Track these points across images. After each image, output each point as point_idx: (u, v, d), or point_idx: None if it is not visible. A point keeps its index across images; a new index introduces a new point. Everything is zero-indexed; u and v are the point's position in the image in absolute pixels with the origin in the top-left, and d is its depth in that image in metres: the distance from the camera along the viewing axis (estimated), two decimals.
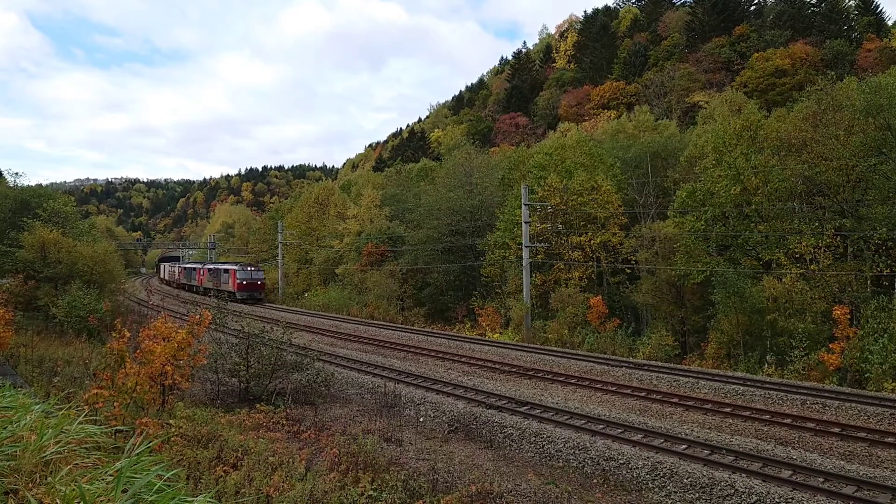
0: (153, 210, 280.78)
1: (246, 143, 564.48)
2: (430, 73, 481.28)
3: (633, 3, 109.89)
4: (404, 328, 36.02)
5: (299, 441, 13.23)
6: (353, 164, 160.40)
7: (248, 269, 58.55)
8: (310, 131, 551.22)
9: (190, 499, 3.53)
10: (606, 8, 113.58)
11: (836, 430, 14.39)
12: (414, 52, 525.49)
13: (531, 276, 34.40)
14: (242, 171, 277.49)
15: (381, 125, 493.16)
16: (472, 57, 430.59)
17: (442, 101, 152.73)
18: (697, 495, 10.95)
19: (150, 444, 3.95)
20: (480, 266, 40.13)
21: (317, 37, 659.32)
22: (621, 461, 12.40)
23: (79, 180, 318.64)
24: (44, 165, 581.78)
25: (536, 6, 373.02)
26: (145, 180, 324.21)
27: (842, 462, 12.27)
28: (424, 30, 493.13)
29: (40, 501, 3.17)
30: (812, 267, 26.08)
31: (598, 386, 19.54)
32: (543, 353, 25.49)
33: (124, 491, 3.24)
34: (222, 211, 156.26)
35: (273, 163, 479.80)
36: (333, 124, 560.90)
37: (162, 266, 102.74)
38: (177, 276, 79.76)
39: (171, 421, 11.42)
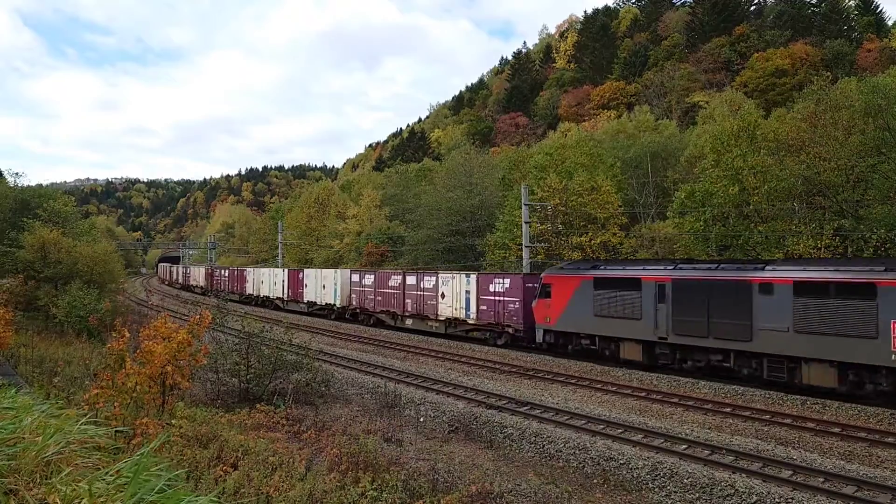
0: (153, 210, 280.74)
1: (242, 143, 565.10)
2: (426, 72, 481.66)
3: (633, 3, 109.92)
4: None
5: (300, 441, 13.23)
6: (353, 164, 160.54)
7: None
8: (306, 131, 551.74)
9: (191, 499, 3.53)
10: (606, 8, 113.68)
11: (837, 430, 14.39)
12: (408, 52, 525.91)
13: None
14: (242, 171, 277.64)
15: (378, 125, 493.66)
16: (468, 56, 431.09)
17: (438, 100, 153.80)
18: (698, 495, 10.95)
19: (152, 445, 3.96)
20: (480, 266, 40.16)
21: (309, 36, 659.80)
22: (621, 461, 12.41)
23: (79, 180, 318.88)
24: (40, 165, 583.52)
25: (530, 5, 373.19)
26: (145, 180, 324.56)
27: (842, 462, 12.27)
28: (417, 29, 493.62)
29: (41, 501, 3.18)
30: None
31: (598, 386, 19.54)
32: (543, 353, 25.47)
33: (132, 494, 3.25)
34: (222, 211, 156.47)
35: (270, 162, 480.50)
36: (329, 124, 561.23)
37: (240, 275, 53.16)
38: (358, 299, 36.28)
39: (171, 421, 11.42)
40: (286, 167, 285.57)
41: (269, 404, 16.02)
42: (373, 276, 35.77)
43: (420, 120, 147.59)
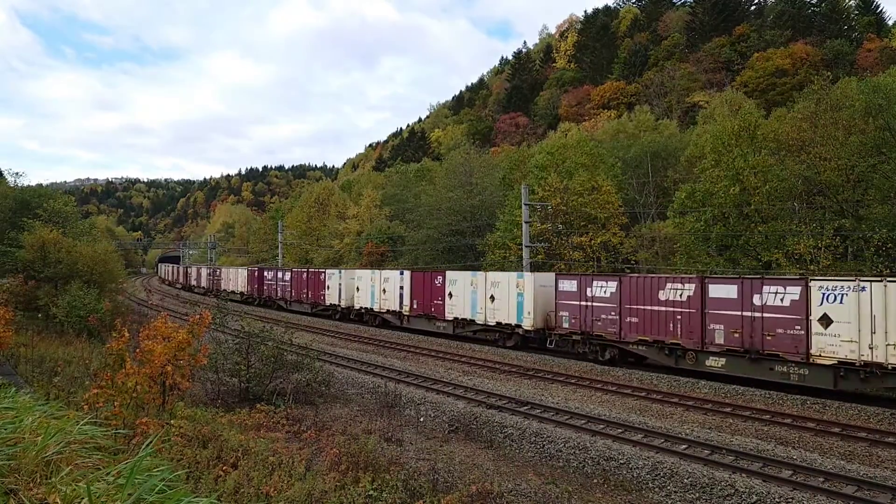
0: (153, 210, 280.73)
1: (241, 143, 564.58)
2: (424, 71, 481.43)
3: (633, 3, 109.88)
4: (404, 328, 35.89)
5: (299, 441, 13.23)
6: (353, 164, 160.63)
7: None
8: (304, 130, 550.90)
9: (190, 499, 3.53)
10: (606, 8, 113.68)
11: (837, 429, 14.39)
12: (406, 51, 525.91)
13: None
14: (242, 171, 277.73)
15: (377, 124, 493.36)
16: (466, 55, 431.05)
17: (437, 99, 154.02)
18: (698, 495, 10.95)
19: (148, 443, 3.96)
20: (481, 266, 40.18)
21: (307, 36, 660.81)
22: (621, 461, 12.41)
23: (79, 180, 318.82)
24: (39, 165, 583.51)
25: (529, 5, 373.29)
26: (145, 180, 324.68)
27: (842, 462, 12.27)
28: (416, 28, 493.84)
29: (42, 501, 3.18)
30: (812, 267, 26.08)
31: (598, 386, 19.55)
32: (543, 353, 25.48)
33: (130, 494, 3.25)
34: (222, 211, 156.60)
35: (269, 162, 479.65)
36: (328, 123, 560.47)
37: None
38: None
39: (171, 421, 11.41)
40: (286, 167, 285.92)
41: (269, 404, 16.01)
42: (615, 285, 22.30)
43: (420, 120, 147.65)
